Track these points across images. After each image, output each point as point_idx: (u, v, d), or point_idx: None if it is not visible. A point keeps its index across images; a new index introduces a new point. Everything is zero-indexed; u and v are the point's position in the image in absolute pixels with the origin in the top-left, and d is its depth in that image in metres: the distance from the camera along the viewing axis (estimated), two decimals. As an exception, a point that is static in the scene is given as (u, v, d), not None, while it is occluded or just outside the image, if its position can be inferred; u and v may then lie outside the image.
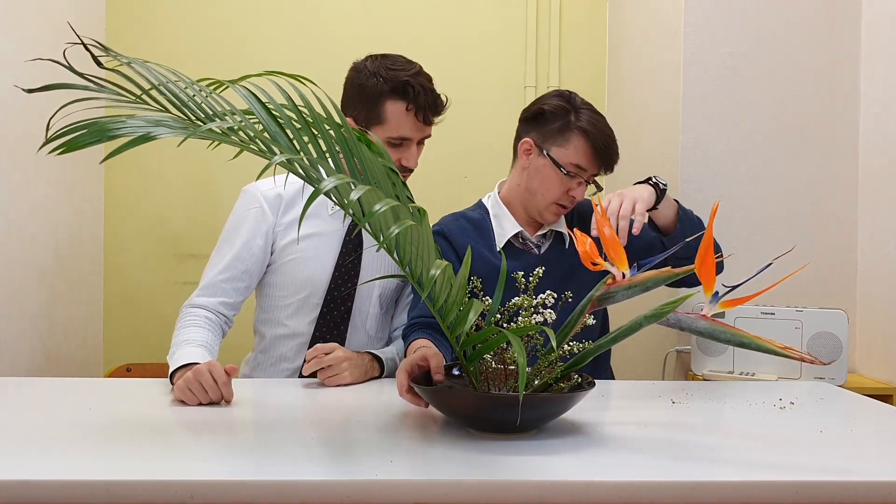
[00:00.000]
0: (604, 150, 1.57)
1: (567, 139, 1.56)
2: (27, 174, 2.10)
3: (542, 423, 1.11)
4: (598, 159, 1.58)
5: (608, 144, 1.58)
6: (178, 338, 1.50)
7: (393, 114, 1.59)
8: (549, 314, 1.11)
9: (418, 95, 1.58)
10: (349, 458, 1.02)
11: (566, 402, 1.09)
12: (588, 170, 1.58)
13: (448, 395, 1.12)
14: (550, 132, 1.58)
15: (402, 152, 1.62)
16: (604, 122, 1.61)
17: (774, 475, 0.94)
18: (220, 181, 2.72)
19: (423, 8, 2.82)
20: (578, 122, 1.56)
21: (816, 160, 2.20)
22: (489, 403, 1.07)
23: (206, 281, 1.64)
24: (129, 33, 2.70)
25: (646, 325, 1.07)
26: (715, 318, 1.06)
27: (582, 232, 1.13)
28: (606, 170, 1.62)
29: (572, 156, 1.55)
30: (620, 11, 2.77)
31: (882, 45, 2.12)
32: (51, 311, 2.27)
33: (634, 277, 1.09)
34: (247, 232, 1.65)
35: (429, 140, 1.81)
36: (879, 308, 2.08)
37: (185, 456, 1.04)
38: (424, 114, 1.60)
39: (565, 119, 1.57)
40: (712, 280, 1.05)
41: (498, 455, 0.99)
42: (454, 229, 1.66)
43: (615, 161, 1.62)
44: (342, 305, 1.69)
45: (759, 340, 1.03)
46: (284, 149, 0.96)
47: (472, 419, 1.10)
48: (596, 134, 1.56)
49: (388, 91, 1.58)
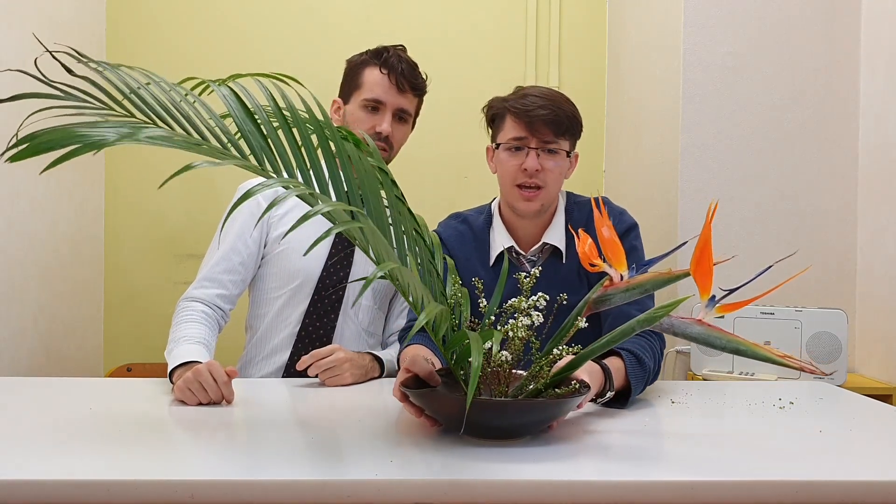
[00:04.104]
0: (530, 112, 1.47)
1: (503, 123, 1.53)
2: (27, 174, 2.10)
3: (534, 430, 1.07)
4: (528, 124, 1.48)
5: (533, 105, 1.47)
6: (176, 334, 1.51)
7: (369, 77, 1.69)
8: (536, 317, 1.06)
9: (391, 59, 1.68)
10: (349, 458, 1.02)
11: (555, 408, 1.04)
12: (527, 137, 1.48)
13: (434, 398, 1.07)
14: (495, 128, 1.57)
15: (377, 119, 1.69)
16: (538, 90, 1.52)
17: (774, 475, 0.94)
18: (219, 181, 2.71)
19: (422, 8, 2.82)
20: (505, 103, 1.53)
21: (816, 160, 2.20)
22: (474, 408, 0.99)
23: (202, 274, 1.65)
24: (129, 33, 2.70)
25: (639, 330, 1.03)
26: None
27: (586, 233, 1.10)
28: (556, 133, 1.49)
29: (509, 132, 1.51)
30: (620, 11, 2.77)
31: (882, 45, 2.12)
32: (51, 311, 2.27)
33: (632, 279, 1.06)
34: (241, 224, 1.68)
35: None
36: (879, 308, 2.08)
37: (185, 456, 1.04)
38: (398, 78, 1.68)
39: (500, 110, 1.55)
40: (709, 283, 1.00)
41: (497, 454, 0.99)
42: (452, 236, 1.61)
43: (553, 117, 1.47)
44: (333, 294, 1.69)
45: (756, 348, 0.98)
46: (263, 154, 0.92)
47: (459, 424, 1.02)
48: (521, 102, 1.48)
49: (367, 58, 1.71)
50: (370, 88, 1.68)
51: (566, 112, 1.49)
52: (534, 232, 1.57)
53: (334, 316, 1.70)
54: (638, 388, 1.32)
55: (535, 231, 1.57)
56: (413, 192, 1.21)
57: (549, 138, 1.48)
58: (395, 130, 1.70)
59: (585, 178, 2.84)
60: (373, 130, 1.68)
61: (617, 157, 2.79)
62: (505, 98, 1.53)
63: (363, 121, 1.69)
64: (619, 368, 1.29)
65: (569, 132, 1.51)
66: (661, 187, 2.32)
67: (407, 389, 1.08)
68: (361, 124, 1.68)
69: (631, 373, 1.30)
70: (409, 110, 1.73)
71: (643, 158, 2.50)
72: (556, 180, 1.52)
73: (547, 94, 1.50)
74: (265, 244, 1.71)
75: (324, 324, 1.69)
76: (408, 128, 1.76)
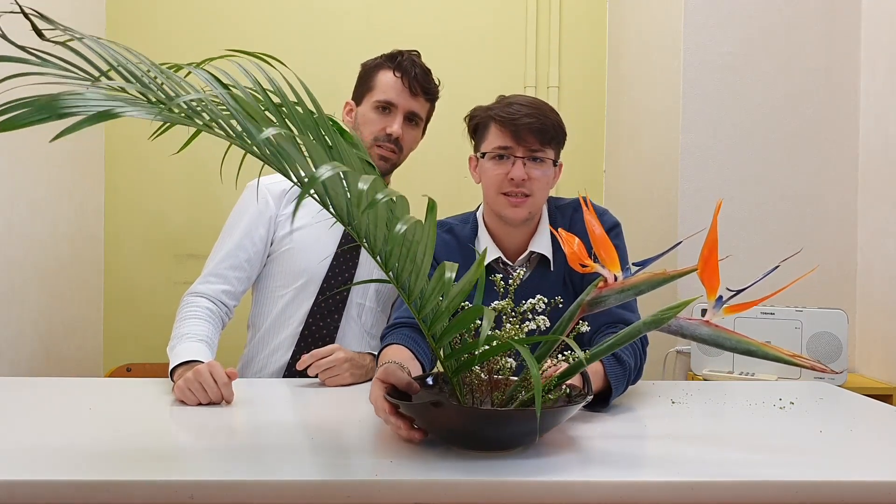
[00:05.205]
0: (516, 120, 1.45)
1: (487, 132, 1.52)
2: (27, 174, 2.10)
3: (527, 440, 1.01)
4: (514, 132, 1.46)
5: (519, 114, 1.45)
6: (179, 330, 1.51)
7: (382, 79, 1.70)
8: (541, 321, 1.02)
9: (405, 62, 1.70)
10: (349, 458, 1.02)
11: (556, 416, 1.00)
12: (512, 146, 1.47)
13: (428, 411, 0.98)
14: (478, 137, 1.55)
15: (388, 120, 1.70)
16: (523, 99, 1.50)
17: (774, 475, 0.93)
18: (219, 182, 2.71)
19: (423, 8, 2.82)
20: (489, 112, 1.52)
21: (816, 160, 2.20)
22: (478, 419, 0.97)
23: (208, 269, 1.66)
24: (129, 31, 2.70)
25: (645, 332, 1.01)
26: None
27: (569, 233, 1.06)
28: (542, 142, 1.47)
29: (493, 140, 1.49)
30: (620, 11, 2.77)
31: (882, 45, 2.12)
32: (51, 312, 2.27)
33: (627, 280, 1.02)
34: (249, 221, 1.69)
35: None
36: (879, 308, 2.08)
37: (185, 456, 1.04)
38: (411, 82, 1.69)
39: (484, 119, 1.53)
40: (716, 284, 0.97)
41: (497, 455, 0.99)
42: (439, 246, 1.56)
43: (539, 126, 1.45)
44: (338, 294, 1.69)
45: (767, 348, 0.96)
46: (260, 127, 0.82)
47: (456, 437, 0.99)
48: (506, 110, 1.47)
49: (381, 62, 1.73)
50: (383, 90, 1.69)
51: (552, 121, 1.47)
52: (520, 241, 1.54)
53: (338, 316, 1.70)
54: (619, 389, 1.28)
55: (522, 240, 1.54)
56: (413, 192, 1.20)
57: (535, 147, 1.46)
58: (405, 133, 1.71)
59: (585, 178, 2.85)
60: (383, 132, 1.68)
61: (617, 157, 2.79)
62: (489, 107, 1.51)
63: (374, 122, 1.69)
64: (598, 371, 1.25)
65: (554, 140, 1.49)
66: (661, 187, 2.32)
67: (397, 401, 1.01)
68: (372, 125, 1.69)
69: (610, 373, 1.27)
70: (421, 114, 1.73)
71: (643, 158, 2.50)
72: (542, 189, 1.49)
73: (532, 102, 1.49)
74: (272, 242, 1.71)
75: (327, 324, 1.69)
76: (418, 132, 1.76)
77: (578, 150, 2.86)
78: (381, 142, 1.68)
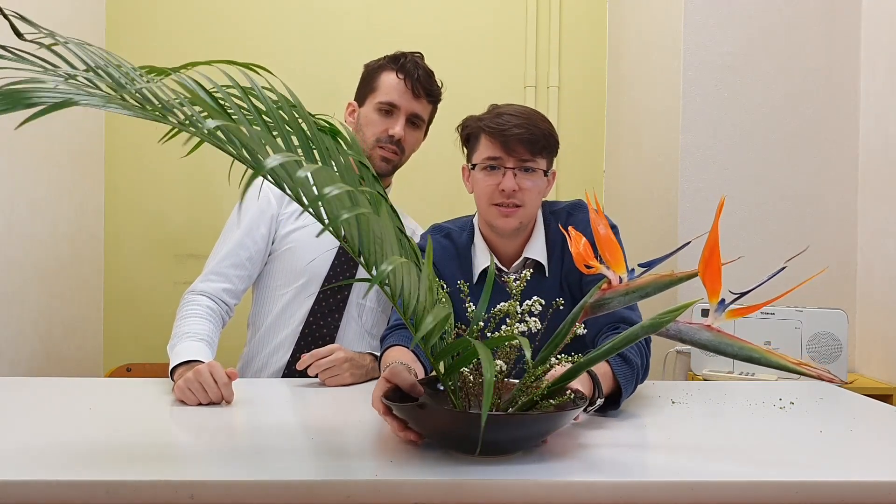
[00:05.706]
0: (505, 131, 1.44)
1: (478, 142, 1.51)
2: (27, 174, 2.10)
3: (526, 445, 1.00)
4: (504, 143, 1.45)
5: (508, 124, 1.44)
6: (180, 328, 1.51)
7: (385, 81, 1.70)
8: (533, 323, 1.01)
9: (408, 64, 1.70)
10: (349, 458, 1.02)
11: (554, 420, 0.98)
12: (502, 157, 1.46)
13: (424, 413, 0.98)
14: (470, 148, 1.54)
15: (390, 122, 1.70)
16: (513, 109, 1.49)
17: (774, 475, 0.93)
18: (219, 182, 2.72)
19: (422, 8, 2.83)
20: (479, 123, 1.51)
21: (816, 160, 2.20)
22: (464, 422, 0.95)
23: (209, 267, 1.66)
24: (129, 31, 2.71)
25: (643, 336, 0.98)
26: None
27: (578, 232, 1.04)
28: (532, 152, 1.45)
29: (484, 151, 1.48)
30: (620, 11, 2.77)
31: (882, 45, 2.12)
32: (51, 312, 2.27)
33: (632, 282, 0.98)
34: (250, 220, 1.69)
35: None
36: (879, 308, 2.08)
37: (185, 456, 1.04)
38: (413, 84, 1.69)
39: (475, 129, 1.52)
40: (718, 286, 0.93)
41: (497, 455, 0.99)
42: (437, 251, 1.57)
43: (529, 136, 1.44)
44: (338, 294, 1.69)
45: (771, 355, 0.92)
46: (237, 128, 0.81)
47: (448, 440, 0.98)
48: (496, 121, 1.46)
49: (384, 63, 1.73)
50: (385, 92, 1.69)
51: (542, 130, 1.45)
52: (515, 248, 1.54)
53: (338, 316, 1.70)
54: (628, 389, 1.28)
55: (516, 247, 1.54)
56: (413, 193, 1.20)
57: (525, 157, 1.45)
58: (407, 135, 1.71)
59: (585, 178, 2.85)
60: (385, 133, 1.69)
61: (617, 157, 2.79)
62: (479, 117, 1.50)
63: (376, 123, 1.69)
64: (606, 373, 1.24)
65: (545, 150, 1.47)
66: (661, 187, 2.32)
67: (390, 402, 1.00)
68: (375, 127, 1.69)
69: (619, 374, 1.26)
70: (423, 116, 1.73)
71: (643, 158, 2.50)
72: (534, 199, 1.48)
73: (522, 112, 1.47)
74: (273, 241, 1.72)
75: (327, 323, 1.69)
76: (420, 134, 1.76)
77: (578, 150, 2.86)
78: (384, 143, 1.69)
